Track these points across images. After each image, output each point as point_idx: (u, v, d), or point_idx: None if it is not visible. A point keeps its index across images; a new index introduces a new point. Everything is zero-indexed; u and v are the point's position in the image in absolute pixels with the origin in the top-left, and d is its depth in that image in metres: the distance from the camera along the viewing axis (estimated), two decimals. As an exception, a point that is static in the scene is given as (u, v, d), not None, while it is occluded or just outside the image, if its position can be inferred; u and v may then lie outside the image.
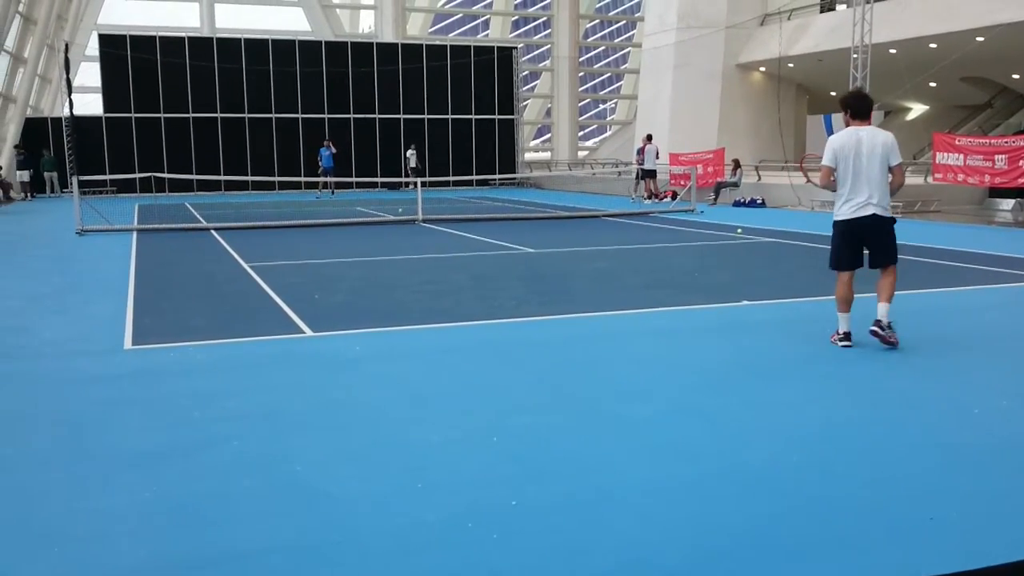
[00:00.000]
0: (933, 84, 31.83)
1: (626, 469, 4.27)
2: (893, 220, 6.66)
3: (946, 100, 34.49)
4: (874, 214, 6.50)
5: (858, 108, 6.63)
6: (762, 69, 34.28)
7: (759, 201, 23.66)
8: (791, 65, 32.26)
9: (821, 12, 33.13)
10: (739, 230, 16.15)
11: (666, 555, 3.37)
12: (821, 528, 3.59)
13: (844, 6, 32.78)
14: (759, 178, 25.73)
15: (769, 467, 4.26)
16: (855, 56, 21.63)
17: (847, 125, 6.68)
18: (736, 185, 24.46)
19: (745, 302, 8.70)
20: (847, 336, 6.62)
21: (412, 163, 32.93)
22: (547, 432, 4.85)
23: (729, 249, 13.79)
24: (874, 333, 6.51)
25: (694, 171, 23.60)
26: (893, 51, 27.48)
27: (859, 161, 6.47)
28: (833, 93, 33.77)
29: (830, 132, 35.15)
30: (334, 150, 29.78)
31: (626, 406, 5.33)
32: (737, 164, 24.72)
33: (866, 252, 6.70)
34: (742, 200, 23.83)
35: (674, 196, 24.90)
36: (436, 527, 3.62)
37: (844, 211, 6.57)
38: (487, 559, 3.35)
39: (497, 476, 4.20)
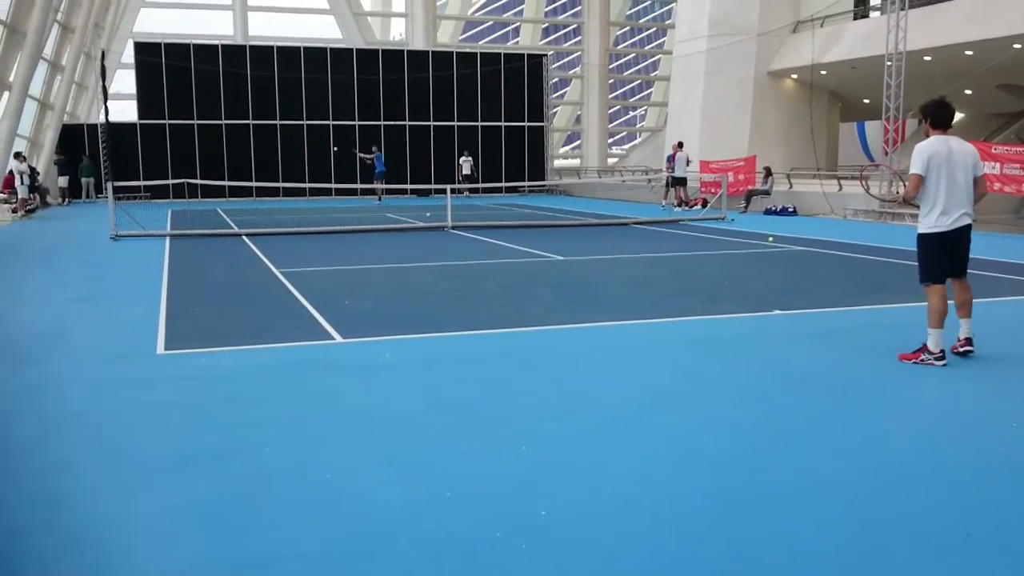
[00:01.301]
0: (968, 92, 31.43)
1: (654, 479, 4.24)
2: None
3: (982, 108, 34.04)
4: (968, 225, 6.48)
5: (939, 117, 6.46)
6: (794, 76, 34.05)
7: (790, 209, 23.48)
8: (824, 72, 32.02)
9: (855, 19, 32.88)
10: (770, 238, 16.03)
11: (692, 566, 3.34)
12: (853, 544, 3.54)
13: (878, 13, 32.53)
14: (791, 186, 25.54)
15: (798, 479, 4.21)
16: (889, 63, 21.42)
17: (927, 135, 6.49)
18: (767, 193, 24.29)
19: (777, 311, 8.63)
20: (944, 354, 6.32)
21: (465, 170, 33.04)
22: (576, 441, 4.83)
23: (760, 257, 13.69)
24: (967, 353, 6.50)
25: (725, 179, 23.48)
26: (928, 58, 27.20)
27: (952, 171, 6.34)
28: (866, 100, 33.51)
29: (863, 140, 34.95)
30: (368, 159, 30.38)
31: (655, 415, 5.29)
32: (768, 172, 24.56)
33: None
34: (773, 208, 23.66)
35: (704, 204, 24.77)
36: (464, 536, 3.62)
37: (941, 223, 6.39)
38: (515, 569, 3.34)
39: (526, 485, 4.18)
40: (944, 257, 6.49)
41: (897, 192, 7.65)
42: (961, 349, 6.49)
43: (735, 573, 3.30)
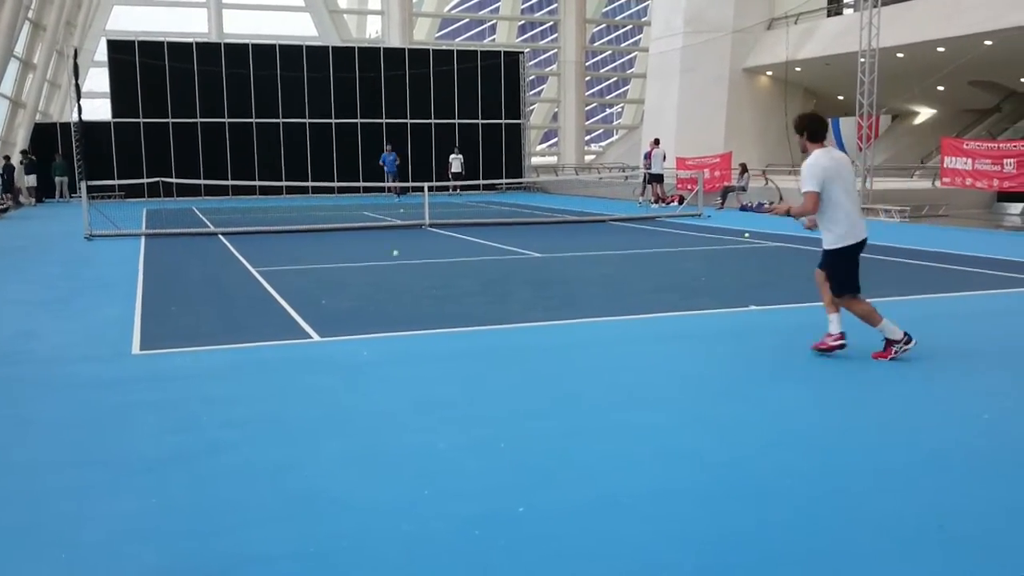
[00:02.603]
0: (941, 88, 31.77)
1: (633, 476, 4.27)
2: None
3: (954, 104, 34.42)
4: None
5: (817, 130, 6.38)
6: (769, 73, 34.27)
7: (767, 204, 23.61)
8: (798, 69, 32.26)
9: (828, 16, 33.14)
10: (746, 234, 16.13)
11: (672, 563, 3.36)
12: (830, 537, 3.58)
13: (851, 10, 32.77)
14: (767, 182, 25.70)
15: (778, 475, 4.25)
16: (862, 60, 21.59)
17: (805, 151, 6.42)
18: (743, 189, 24.43)
19: (753, 307, 8.69)
20: (909, 337, 6.35)
21: (455, 168, 33.01)
22: (554, 438, 4.85)
23: (736, 253, 13.77)
24: (842, 347, 6.44)
25: (701, 175, 23.59)
26: (900, 55, 27.46)
27: (846, 182, 6.33)
28: (840, 97, 33.79)
29: (838, 136, 35.22)
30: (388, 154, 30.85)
31: (633, 412, 5.32)
32: (744, 168, 24.70)
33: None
34: (749, 204, 23.80)
35: (681, 200, 24.88)
36: (443, 534, 3.62)
37: (853, 234, 6.35)
38: (494, 566, 3.35)
39: (504, 482, 4.19)
40: (856, 267, 6.46)
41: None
42: (836, 344, 6.44)
43: (716, 570, 3.33)
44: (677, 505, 3.90)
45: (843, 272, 6.46)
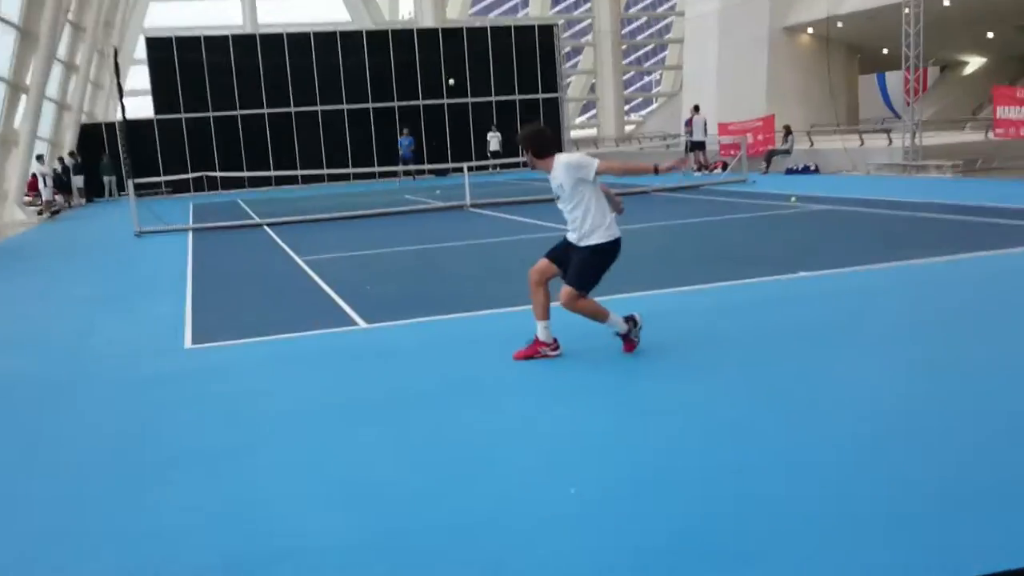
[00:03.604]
0: (990, 35, 30.85)
1: (681, 453, 4.22)
2: None
3: (1005, 51, 33.42)
4: None
5: (544, 145, 6.02)
6: (810, 31, 33.56)
7: (812, 168, 23.22)
8: (840, 25, 31.51)
9: (870, -32, 32.27)
10: (793, 198, 15.86)
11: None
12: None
13: (893, -40, 31.90)
14: (811, 144, 25.25)
15: (813, 447, 4.17)
16: (907, 11, 21.03)
17: (533, 167, 6.13)
18: (788, 152, 24.03)
19: (803, 273, 8.53)
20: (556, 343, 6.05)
21: (493, 146, 32.88)
22: (600, 420, 4.80)
23: (784, 219, 13.55)
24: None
25: (744, 140, 23.23)
26: (947, 3, 26.68)
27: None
28: (885, 51, 32.97)
29: (884, 92, 34.45)
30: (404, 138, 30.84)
31: (682, 385, 5.25)
32: (788, 130, 24.27)
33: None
34: (795, 167, 23.40)
35: (725, 167, 24.54)
36: (482, 523, 3.60)
37: (614, 231, 5.94)
38: (539, 553, 3.32)
39: (551, 466, 4.16)
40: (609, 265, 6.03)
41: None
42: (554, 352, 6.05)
43: (766, 538, 3.27)
44: (724, 481, 3.84)
45: (597, 269, 6.00)
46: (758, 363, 5.63)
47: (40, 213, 24.59)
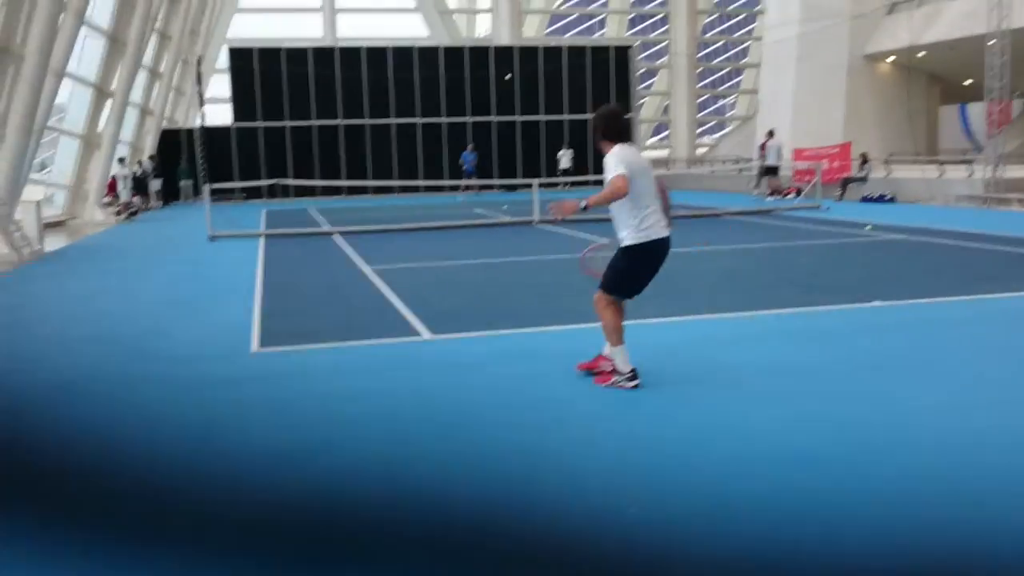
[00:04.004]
0: (1080, 68, 29.87)
1: (748, 478, 4.10)
2: None
3: (1095, 85, 32.31)
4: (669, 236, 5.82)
5: (614, 129, 5.79)
6: (891, 59, 32.92)
7: (889, 196, 22.70)
8: (922, 54, 30.87)
9: (954, -3, 31.55)
10: (868, 227, 15.50)
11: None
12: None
13: (980, -10, 31.15)
14: (888, 172, 24.70)
15: (900, 477, 4.01)
16: (992, 42, 20.48)
17: (602, 152, 5.81)
18: (864, 180, 23.54)
19: (877, 302, 8.30)
20: (635, 373, 5.63)
21: (564, 163, 32.93)
22: (670, 437, 4.71)
23: (858, 247, 13.24)
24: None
25: (819, 166, 22.84)
26: (1035, 35, 25.91)
27: (647, 180, 5.73)
28: (968, 82, 32.18)
29: (965, 123, 33.61)
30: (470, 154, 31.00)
31: (752, 412, 5.13)
32: (865, 158, 23.79)
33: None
34: (871, 196, 22.91)
35: (798, 193, 24.15)
36: (555, 534, 3.54)
37: (654, 232, 5.73)
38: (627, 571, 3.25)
39: (617, 484, 4.08)
40: (648, 270, 5.82)
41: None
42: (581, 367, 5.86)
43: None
44: (796, 506, 3.71)
45: (623, 270, 5.79)
46: (826, 392, 5.47)
47: (118, 214, 25.28)
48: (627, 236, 5.70)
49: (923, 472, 4.12)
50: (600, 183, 5.87)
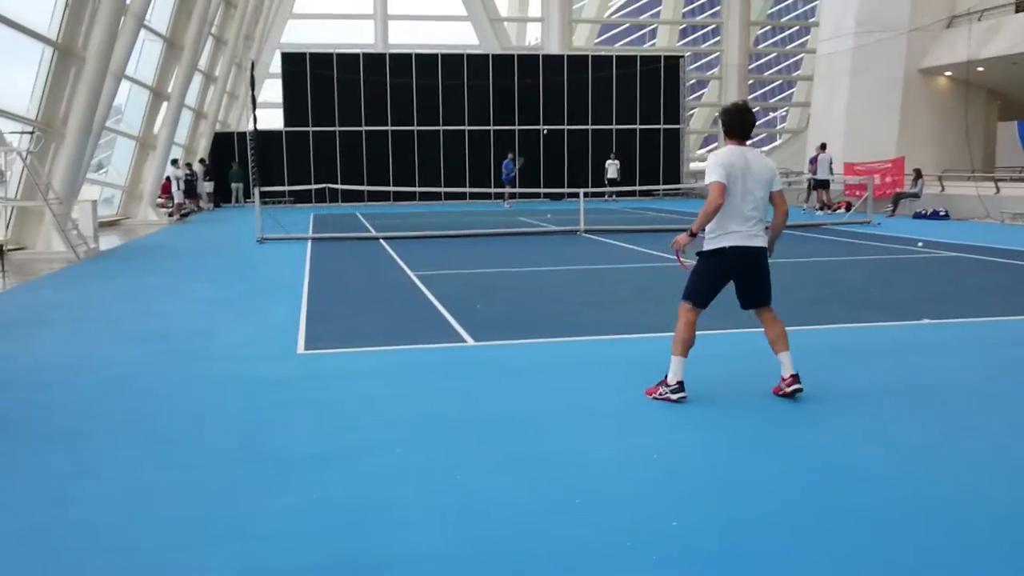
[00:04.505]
0: None
1: (792, 494, 4.06)
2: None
3: None
4: (764, 247, 5.60)
5: (733, 125, 5.57)
6: (948, 74, 32.37)
7: (942, 213, 22.31)
8: (981, 69, 30.30)
9: (1016, 11, 30.96)
10: (920, 243, 15.26)
11: (839, 591, 3.16)
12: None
13: (1043, 4, 30.56)
14: (942, 189, 24.29)
15: (955, 498, 3.95)
16: (1053, 57, 20.05)
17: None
18: (917, 196, 23.17)
19: (926, 320, 8.17)
20: (681, 386, 5.56)
21: (611, 173, 32.88)
22: (709, 451, 4.68)
23: (909, 264, 13.04)
24: (796, 392, 5.53)
25: (871, 181, 22.53)
26: (1098, 51, 25.35)
27: (750, 185, 5.47)
28: (1028, 98, 31.52)
29: (1024, 140, 32.91)
30: (512, 163, 30.91)
31: (791, 430, 5.08)
32: (918, 174, 23.42)
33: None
34: (923, 212, 22.54)
35: (848, 207, 23.84)
36: (593, 545, 3.54)
37: (722, 242, 5.52)
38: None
39: (657, 495, 4.07)
40: (722, 279, 5.61)
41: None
42: (788, 389, 5.55)
43: None
44: (838, 526, 3.67)
45: (702, 278, 5.66)
46: (875, 411, 5.40)
47: (171, 215, 25.74)
48: (706, 240, 5.62)
49: (968, 497, 4.05)
50: (647, 194, 5.82)
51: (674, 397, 5.55)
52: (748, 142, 5.62)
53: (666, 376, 5.63)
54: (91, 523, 3.86)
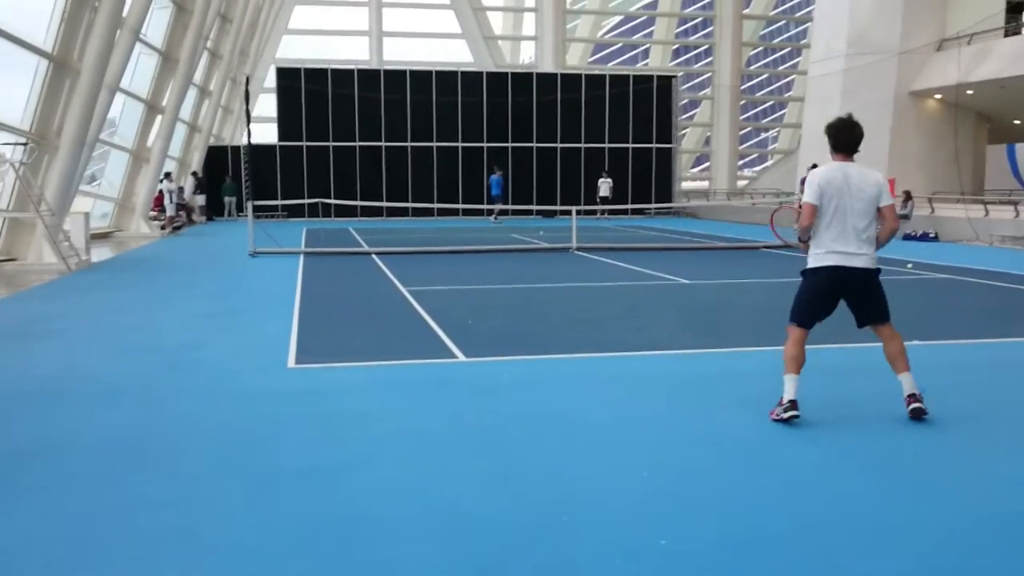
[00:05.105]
0: None
1: (789, 512, 4.07)
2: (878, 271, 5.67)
3: None
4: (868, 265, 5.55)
5: (840, 139, 5.57)
6: (938, 96, 32.64)
7: (932, 235, 22.45)
8: (970, 92, 30.57)
9: (1005, 36, 31.25)
10: (909, 265, 15.34)
11: None
12: None
13: (1031, 29, 30.87)
14: (932, 210, 24.44)
15: (924, 525, 3.96)
16: (1042, 82, 20.25)
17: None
18: (907, 218, 23.31)
19: (916, 342, 8.20)
20: (793, 404, 5.44)
21: (603, 191, 32.98)
22: (700, 469, 4.69)
23: (898, 285, 13.09)
24: (917, 412, 5.45)
25: (861, 202, 22.63)
26: (1086, 76, 25.60)
27: (849, 201, 5.44)
28: (1017, 121, 31.82)
29: (1013, 163, 33.23)
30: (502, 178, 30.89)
31: (784, 449, 5.09)
32: (908, 196, 23.59)
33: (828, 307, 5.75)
34: (913, 233, 22.68)
35: (839, 228, 23.94)
36: (582, 563, 3.54)
37: (831, 258, 5.53)
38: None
39: (647, 513, 4.08)
40: (826, 297, 5.63)
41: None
42: (911, 407, 5.48)
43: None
44: (820, 544, 3.68)
45: (802, 296, 5.76)
46: (867, 429, 5.42)
47: (163, 228, 25.72)
48: (809, 256, 5.62)
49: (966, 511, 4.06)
50: (639, 212, 5.84)
51: (785, 416, 5.42)
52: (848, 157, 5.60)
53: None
54: (73, 537, 3.83)
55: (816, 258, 5.58)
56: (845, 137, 5.55)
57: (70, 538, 3.82)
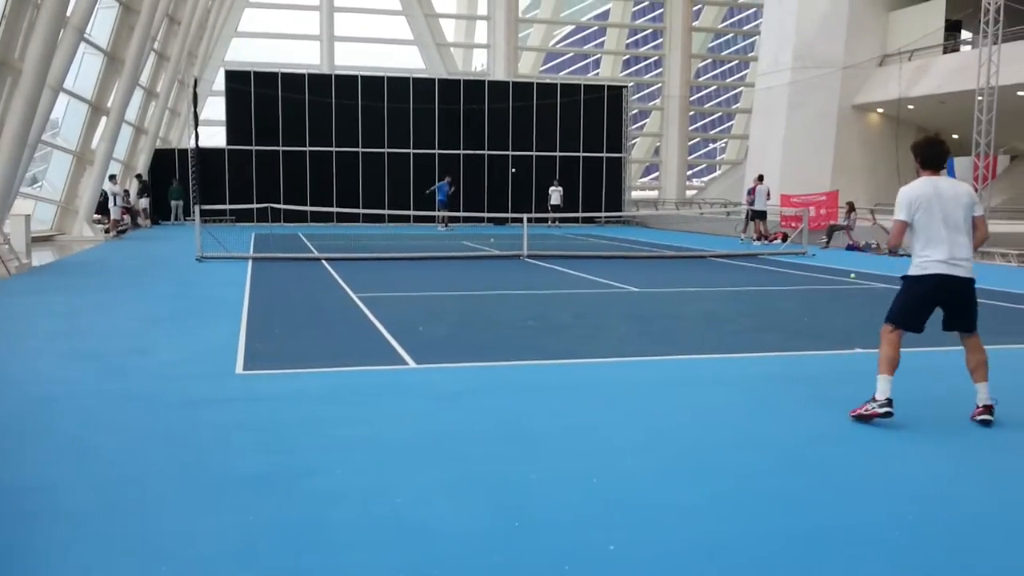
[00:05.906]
0: (1066, 128, 30.40)
1: (728, 517, 4.13)
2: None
3: (1081, 145, 32.87)
4: (967, 275, 5.77)
5: (928, 156, 5.87)
6: (880, 110, 33.44)
7: (874, 245, 22.91)
8: (911, 107, 31.38)
9: (944, 52, 32.14)
10: (853, 275, 15.65)
11: None
12: None
13: (969, 47, 31.77)
14: (874, 222, 24.96)
15: (881, 524, 4.06)
16: (980, 98, 20.85)
17: (917, 175, 5.96)
18: (850, 228, 23.77)
19: (859, 350, 8.39)
20: (889, 403, 5.71)
21: (554, 200, 33.08)
22: (647, 476, 4.75)
23: (842, 294, 13.37)
24: (986, 422, 5.72)
25: (806, 213, 23.07)
26: (1022, 93, 26.41)
27: (942, 212, 5.69)
28: (955, 136, 32.68)
29: (952, 176, 34.06)
30: (450, 188, 30.62)
31: (730, 454, 5.17)
32: (851, 207, 24.05)
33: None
34: (855, 244, 23.14)
35: (784, 238, 24.36)
36: (532, 568, 3.57)
37: (932, 267, 5.73)
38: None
39: (596, 518, 4.12)
40: (925, 306, 5.83)
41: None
42: (978, 417, 5.74)
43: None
44: (773, 550, 3.75)
45: (904, 302, 5.96)
46: (801, 434, 5.53)
47: (107, 231, 25.25)
48: (910, 265, 5.86)
49: (895, 515, 4.17)
50: (589, 220, 5.92)
51: (880, 411, 5.67)
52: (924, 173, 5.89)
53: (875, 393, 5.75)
54: (10, 546, 3.76)
55: (920, 267, 5.81)
56: (933, 153, 5.89)
57: (6, 546, 3.74)
